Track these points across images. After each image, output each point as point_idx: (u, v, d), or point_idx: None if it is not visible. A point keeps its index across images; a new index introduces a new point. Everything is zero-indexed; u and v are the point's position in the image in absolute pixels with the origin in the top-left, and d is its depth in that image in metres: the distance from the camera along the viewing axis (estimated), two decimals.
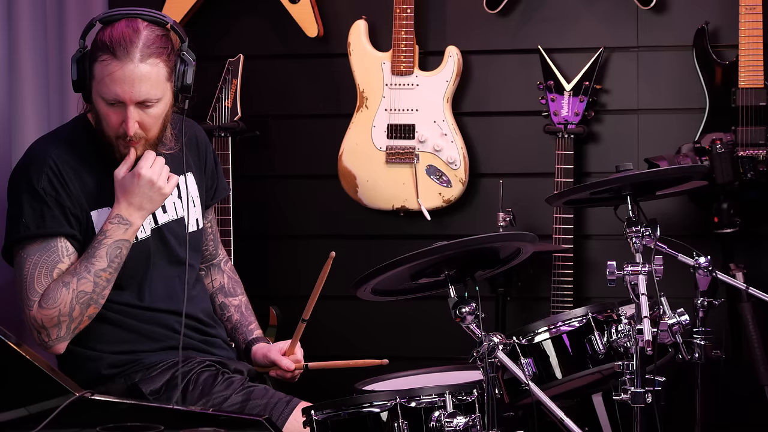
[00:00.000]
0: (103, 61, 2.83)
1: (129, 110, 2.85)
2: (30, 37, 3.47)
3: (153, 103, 2.87)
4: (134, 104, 2.85)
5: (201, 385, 2.94)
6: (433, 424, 2.60)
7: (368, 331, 4.26)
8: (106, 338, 2.96)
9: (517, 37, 4.14)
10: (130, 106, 2.85)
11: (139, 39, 2.83)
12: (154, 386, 2.93)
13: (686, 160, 3.73)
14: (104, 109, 2.87)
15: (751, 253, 3.95)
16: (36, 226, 2.87)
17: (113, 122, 2.88)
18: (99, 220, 2.92)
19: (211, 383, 2.95)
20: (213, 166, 3.22)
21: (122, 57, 2.82)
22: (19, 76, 3.46)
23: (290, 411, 2.89)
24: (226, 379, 2.97)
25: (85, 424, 2.25)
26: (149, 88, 2.85)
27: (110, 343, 2.97)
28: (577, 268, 4.01)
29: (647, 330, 2.60)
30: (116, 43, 2.82)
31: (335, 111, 4.23)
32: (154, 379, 2.94)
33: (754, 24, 3.81)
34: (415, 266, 2.60)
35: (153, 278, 3.01)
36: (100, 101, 2.87)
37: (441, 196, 4.08)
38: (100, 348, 2.96)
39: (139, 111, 2.86)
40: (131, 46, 2.82)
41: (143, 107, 2.87)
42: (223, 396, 2.92)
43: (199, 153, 3.16)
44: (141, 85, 2.84)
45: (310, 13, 4.16)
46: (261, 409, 2.89)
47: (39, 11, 3.52)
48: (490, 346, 2.55)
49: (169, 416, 2.39)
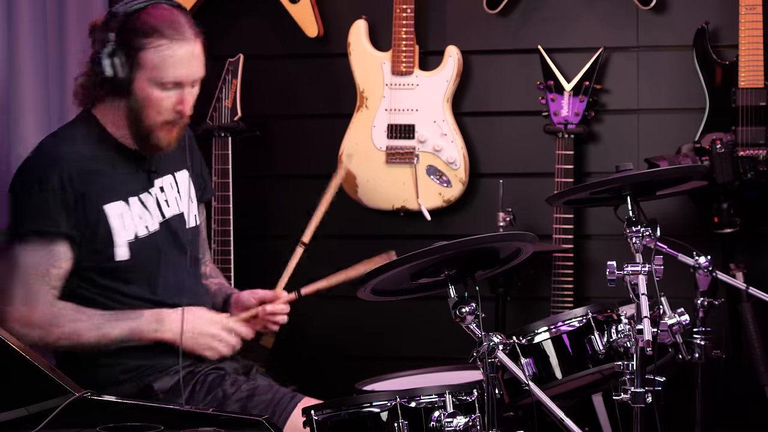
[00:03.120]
0: (159, 46, 2.82)
1: (187, 90, 2.88)
2: (30, 36, 3.47)
3: (198, 82, 2.91)
4: (190, 84, 2.88)
5: (208, 384, 2.94)
6: (433, 424, 2.60)
7: (368, 331, 4.26)
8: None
9: (517, 37, 4.14)
10: (187, 87, 2.88)
11: (182, 19, 2.86)
12: (165, 385, 2.92)
13: (686, 160, 3.73)
14: (157, 95, 2.86)
15: (751, 253, 3.95)
16: (37, 224, 2.86)
17: (166, 106, 2.87)
18: (112, 213, 2.91)
19: (218, 383, 2.95)
20: (201, 166, 3.23)
21: (178, 38, 2.83)
22: (19, 76, 3.46)
23: (294, 406, 2.89)
24: (232, 380, 2.98)
25: (85, 424, 2.25)
26: (201, 66, 2.89)
27: (126, 349, 2.94)
28: (577, 268, 4.01)
29: (647, 330, 2.60)
30: (166, 25, 2.82)
31: (335, 111, 4.23)
32: (165, 379, 2.94)
33: (754, 24, 3.81)
34: (415, 266, 2.60)
35: (163, 270, 3.00)
36: (152, 88, 2.85)
37: (441, 196, 4.08)
38: (117, 353, 2.94)
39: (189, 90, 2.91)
40: (182, 26, 2.84)
41: (191, 87, 2.90)
42: (229, 392, 2.92)
43: (193, 152, 3.16)
44: (198, 64, 2.88)
45: (310, 13, 4.16)
46: (266, 404, 2.89)
47: (39, 11, 3.52)
48: (490, 346, 2.55)
49: (169, 416, 2.39)
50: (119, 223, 2.92)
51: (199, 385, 2.94)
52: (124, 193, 2.94)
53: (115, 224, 2.91)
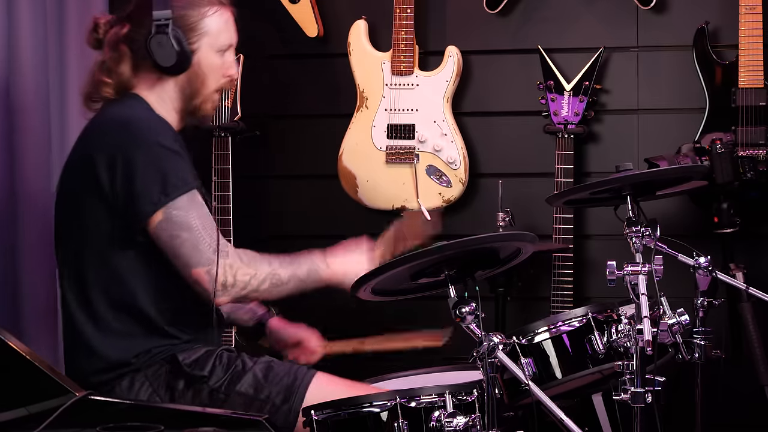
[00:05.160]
0: (216, 12, 2.95)
1: (232, 52, 3.02)
2: (30, 36, 3.47)
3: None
4: (233, 47, 3.03)
5: (227, 360, 2.92)
6: (433, 424, 2.60)
7: (368, 330, 4.25)
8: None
9: (517, 37, 4.14)
10: (232, 48, 3.02)
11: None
12: (189, 358, 2.89)
13: (686, 160, 3.73)
14: (217, 61, 2.97)
15: (751, 253, 3.95)
16: (187, 181, 2.84)
17: (221, 71, 2.99)
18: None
19: (236, 357, 2.93)
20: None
21: (222, 3, 2.98)
22: (20, 76, 3.46)
23: (312, 374, 2.90)
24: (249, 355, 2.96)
25: (85, 424, 2.25)
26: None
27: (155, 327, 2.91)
28: (577, 268, 4.01)
29: (647, 330, 2.60)
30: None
31: (335, 111, 4.23)
32: (190, 352, 2.90)
33: (754, 24, 3.81)
34: (415, 266, 2.60)
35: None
36: (214, 55, 2.97)
37: (441, 196, 4.08)
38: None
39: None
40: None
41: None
42: (249, 364, 2.90)
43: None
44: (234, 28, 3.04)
45: (310, 13, 4.16)
46: (285, 372, 2.89)
47: (39, 11, 3.52)
48: (490, 346, 2.55)
49: (169, 416, 2.39)
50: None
51: (218, 360, 2.92)
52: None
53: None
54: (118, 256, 2.86)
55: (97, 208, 2.85)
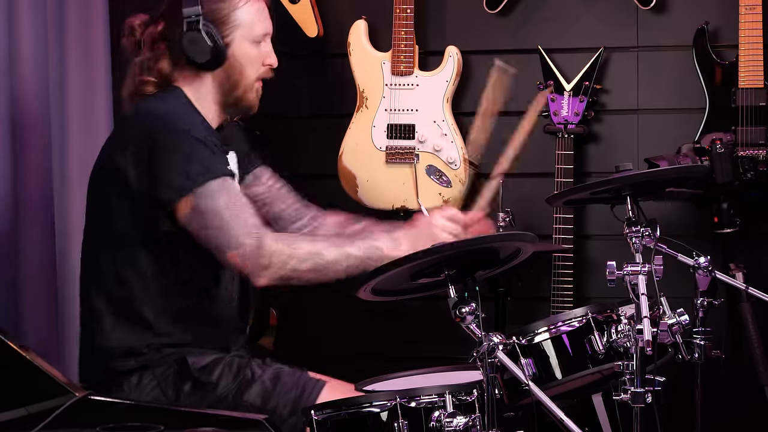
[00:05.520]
0: (247, 3, 2.95)
1: (268, 41, 3.02)
2: (30, 36, 3.47)
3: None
4: (269, 36, 3.03)
5: (236, 367, 2.92)
6: (433, 424, 2.60)
7: (368, 331, 4.26)
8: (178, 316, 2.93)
9: (517, 37, 4.14)
10: (268, 37, 3.02)
11: None
12: (199, 363, 2.89)
13: (686, 160, 3.73)
14: (253, 52, 2.99)
15: (751, 253, 3.95)
16: (218, 167, 2.86)
17: (259, 61, 3.01)
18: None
19: (246, 364, 2.93)
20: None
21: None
22: (20, 76, 3.46)
23: (322, 385, 2.90)
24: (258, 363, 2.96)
25: (85, 424, 2.25)
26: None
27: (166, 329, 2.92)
28: (577, 268, 4.01)
29: (647, 330, 2.60)
30: None
31: (335, 111, 4.23)
32: (201, 357, 2.91)
33: (754, 24, 3.81)
34: (415, 266, 2.60)
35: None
36: (249, 46, 2.97)
37: (441, 196, 4.08)
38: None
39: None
40: None
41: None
42: (257, 373, 2.90)
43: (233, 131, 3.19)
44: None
45: (310, 13, 4.16)
46: (293, 384, 2.88)
47: (39, 11, 3.52)
48: (490, 346, 2.55)
49: (169, 416, 2.39)
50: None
51: (227, 368, 2.92)
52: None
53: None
54: (139, 254, 2.87)
55: (122, 203, 2.86)
